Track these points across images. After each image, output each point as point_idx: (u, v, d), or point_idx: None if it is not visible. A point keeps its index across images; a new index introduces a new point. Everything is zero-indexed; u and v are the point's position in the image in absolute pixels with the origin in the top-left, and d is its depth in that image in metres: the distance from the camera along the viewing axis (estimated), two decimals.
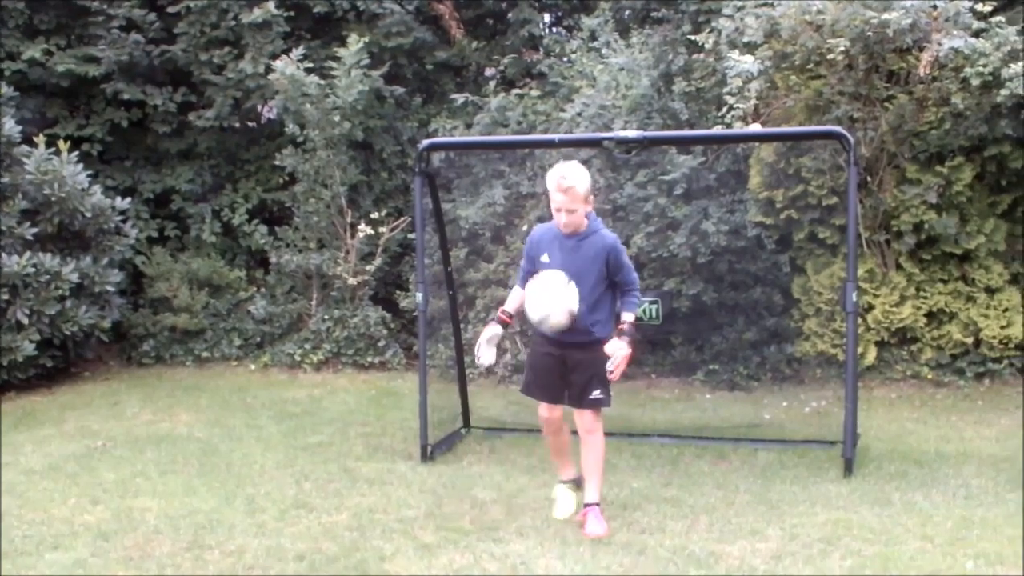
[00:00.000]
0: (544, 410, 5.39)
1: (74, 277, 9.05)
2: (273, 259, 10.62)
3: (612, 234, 5.26)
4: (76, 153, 9.64)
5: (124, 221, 9.98)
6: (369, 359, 10.09)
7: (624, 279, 5.20)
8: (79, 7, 10.59)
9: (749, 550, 4.84)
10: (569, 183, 4.99)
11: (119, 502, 5.74)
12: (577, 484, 5.47)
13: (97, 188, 9.62)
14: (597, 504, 5.24)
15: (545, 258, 5.15)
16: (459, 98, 10.58)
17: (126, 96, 10.61)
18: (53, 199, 9.08)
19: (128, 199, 10.06)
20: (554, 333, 5.08)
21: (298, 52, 10.06)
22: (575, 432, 5.41)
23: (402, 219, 10.57)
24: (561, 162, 5.16)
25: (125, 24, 10.55)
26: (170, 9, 10.56)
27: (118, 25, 10.49)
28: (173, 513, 5.51)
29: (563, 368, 5.24)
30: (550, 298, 4.99)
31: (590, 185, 5.12)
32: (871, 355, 8.56)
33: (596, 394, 5.22)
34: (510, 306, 5.37)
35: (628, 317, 5.14)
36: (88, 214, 9.35)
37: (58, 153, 9.28)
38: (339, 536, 5.10)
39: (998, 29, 7.42)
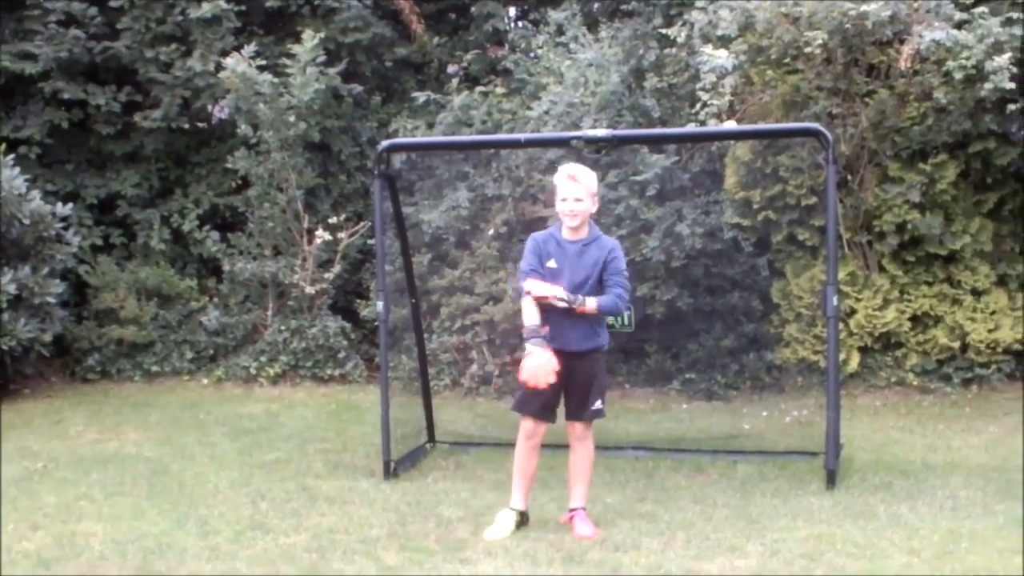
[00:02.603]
0: (531, 427, 5.45)
1: (12, 288, 8.99)
2: (226, 267, 10.57)
3: (613, 239, 5.51)
4: (12, 156, 9.61)
5: (66, 228, 9.83)
6: (328, 371, 10.11)
7: (615, 281, 5.32)
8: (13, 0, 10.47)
9: (728, 567, 4.78)
10: (577, 171, 5.29)
11: (61, 527, 5.60)
12: (523, 519, 5.49)
13: (36, 193, 9.51)
14: (584, 508, 5.43)
15: (552, 264, 5.32)
16: (420, 96, 10.61)
17: (66, 95, 10.49)
18: None
19: (70, 205, 9.91)
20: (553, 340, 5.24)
21: (250, 49, 10.03)
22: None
23: (362, 224, 10.58)
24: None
25: (64, 19, 10.43)
26: (113, 3, 10.42)
27: (56, 20, 10.38)
28: (120, 538, 5.38)
29: (563, 379, 5.29)
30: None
31: (597, 186, 5.41)
32: (854, 361, 8.59)
33: (597, 405, 5.47)
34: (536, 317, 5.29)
35: (590, 302, 5.25)
36: (26, 221, 9.24)
37: None
38: (298, 558, 5.02)
39: (981, 20, 7.44)
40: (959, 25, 7.46)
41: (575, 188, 5.22)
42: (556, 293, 5.16)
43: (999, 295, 8.48)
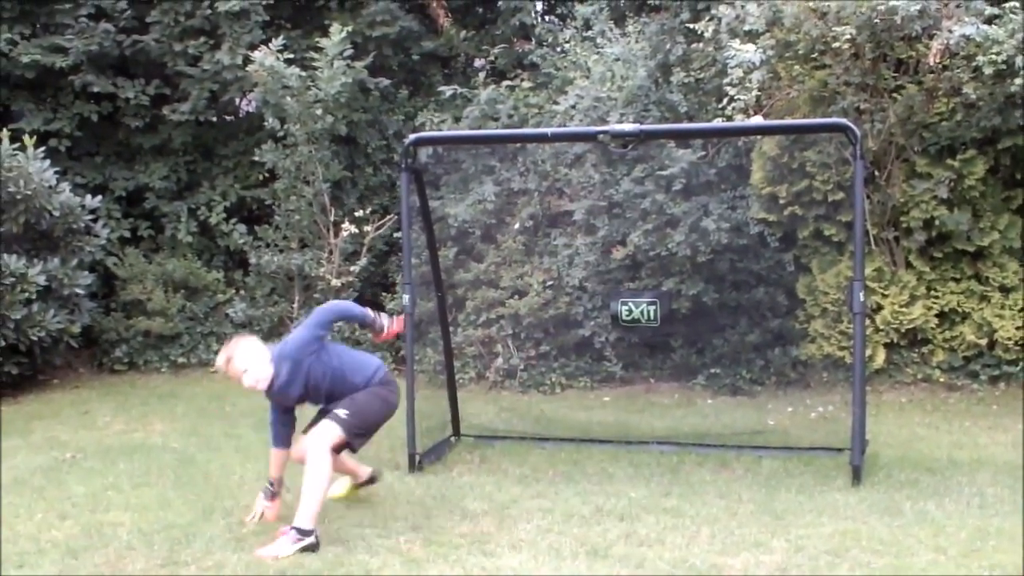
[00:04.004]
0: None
1: (41, 279, 9.01)
2: (252, 260, 10.65)
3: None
4: (43, 149, 9.59)
5: (94, 220, 9.91)
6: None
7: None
8: None
9: (753, 563, 4.74)
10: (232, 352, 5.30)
11: (89, 517, 5.59)
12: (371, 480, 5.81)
13: (65, 185, 9.58)
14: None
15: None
16: (447, 90, 10.61)
17: (96, 89, 10.58)
18: (19, 197, 9.00)
19: (98, 197, 10.02)
20: None
21: (278, 42, 10.08)
22: None
23: (388, 217, 10.59)
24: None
25: (94, 12, 10.54)
26: None
27: (87, 13, 10.48)
28: (147, 528, 5.37)
29: None
30: None
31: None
32: (880, 358, 8.51)
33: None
34: None
35: None
36: (56, 213, 9.28)
37: (24, 149, 9.26)
38: (322, 551, 4.96)
39: (1012, 15, 7.34)
40: (989, 20, 7.36)
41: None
42: None
43: None
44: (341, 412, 5.14)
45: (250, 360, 5.19)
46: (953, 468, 6.33)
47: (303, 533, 4.95)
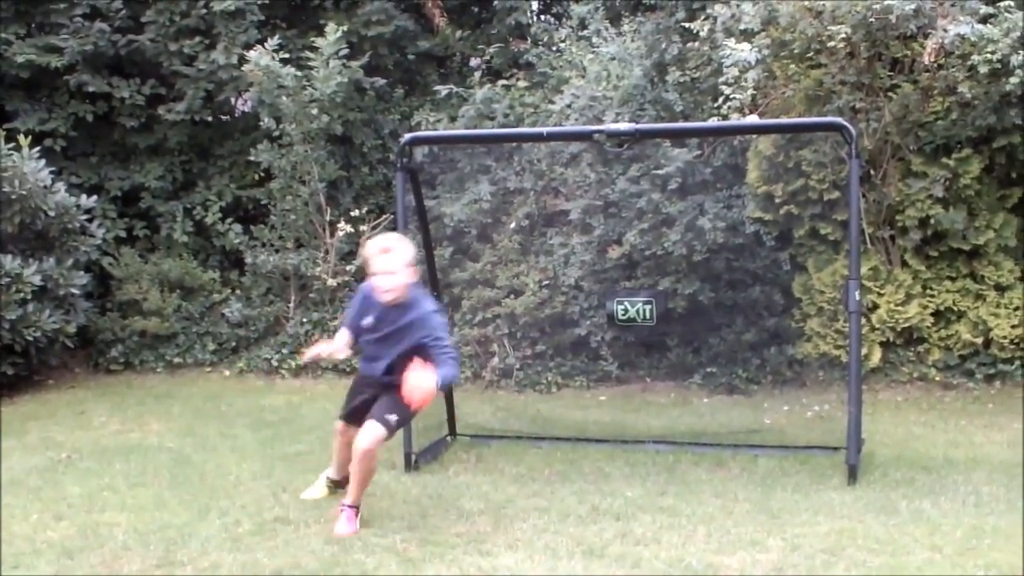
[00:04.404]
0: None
1: (37, 279, 8.96)
2: (248, 259, 10.60)
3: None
4: (38, 148, 9.51)
5: (90, 220, 9.86)
6: (350, 364, 9.87)
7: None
8: None
9: (749, 562, 4.75)
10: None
11: (85, 517, 5.60)
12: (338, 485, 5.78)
13: (61, 185, 9.53)
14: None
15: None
16: (443, 90, 10.56)
17: (91, 88, 10.51)
18: (14, 197, 8.95)
19: (94, 197, 9.96)
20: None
21: (273, 42, 10.04)
22: None
23: (384, 217, 10.53)
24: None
25: (89, 12, 10.46)
26: None
27: (81, 13, 10.41)
28: (143, 528, 5.37)
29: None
30: None
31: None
32: (876, 356, 8.52)
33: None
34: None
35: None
36: (51, 213, 9.24)
37: (19, 148, 9.17)
38: (319, 551, 4.99)
39: (1007, 14, 7.35)
40: (984, 19, 7.37)
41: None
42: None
43: (1022, 290, 8.35)
44: (391, 417, 5.28)
45: (403, 267, 5.21)
46: (949, 467, 6.33)
47: (356, 508, 5.31)
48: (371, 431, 5.24)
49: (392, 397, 5.23)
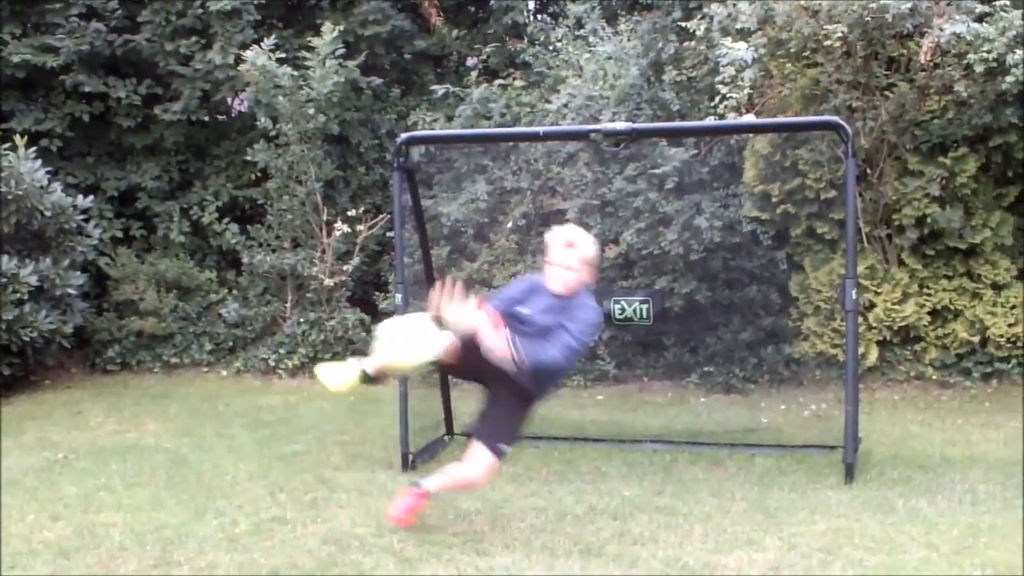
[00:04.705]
0: None
1: (33, 280, 8.95)
2: (245, 259, 10.60)
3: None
4: (34, 149, 9.51)
5: (86, 220, 9.88)
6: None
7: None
8: None
9: (746, 561, 4.73)
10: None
11: (81, 517, 5.58)
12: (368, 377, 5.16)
13: (57, 185, 9.53)
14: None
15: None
16: (439, 89, 10.61)
17: (87, 88, 10.52)
18: (10, 197, 8.95)
19: (90, 197, 9.93)
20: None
21: (270, 42, 10.03)
22: None
23: (380, 216, 10.56)
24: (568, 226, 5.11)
25: (85, 12, 10.47)
26: None
27: (77, 13, 10.42)
28: (139, 528, 5.36)
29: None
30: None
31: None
32: (873, 355, 8.51)
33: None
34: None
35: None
36: (48, 213, 9.23)
37: (15, 148, 9.18)
38: (316, 551, 4.97)
39: (1003, 13, 7.32)
40: (980, 18, 7.35)
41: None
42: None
43: (1019, 289, 8.34)
44: (504, 447, 5.03)
45: (582, 265, 4.99)
46: (946, 465, 6.31)
47: (427, 496, 5.15)
48: (484, 460, 5.00)
49: (510, 411, 5.05)
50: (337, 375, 5.11)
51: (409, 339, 4.93)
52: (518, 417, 5.09)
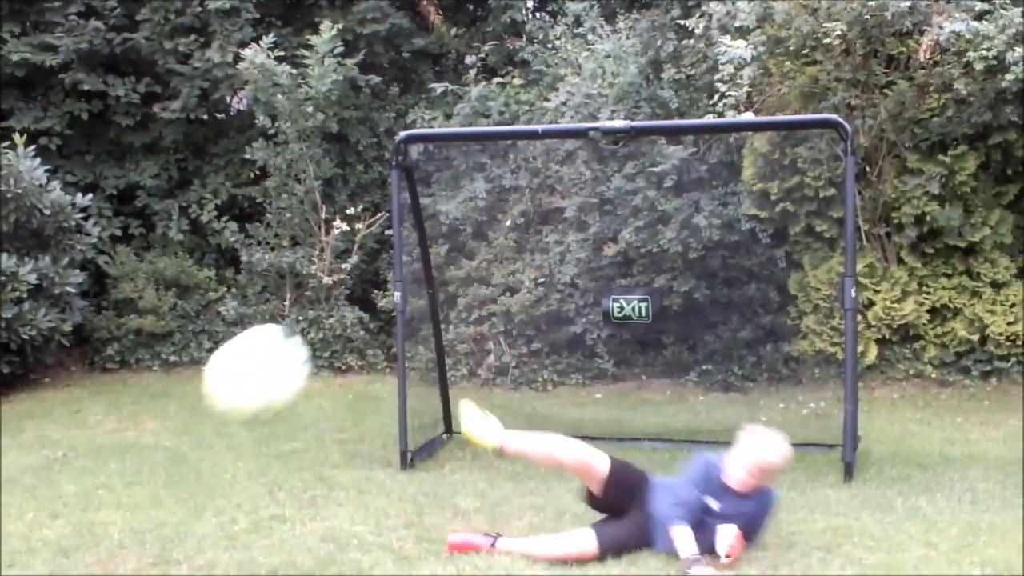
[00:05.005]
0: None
1: (32, 278, 8.96)
2: (244, 258, 10.59)
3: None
4: (33, 147, 9.52)
5: (85, 219, 9.88)
6: (346, 362, 10.10)
7: None
8: None
9: (744, 559, 4.69)
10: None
11: (80, 516, 5.58)
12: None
13: (56, 184, 9.54)
14: None
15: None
16: (438, 87, 10.57)
17: (86, 87, 10.52)
18: (9, 196, 8.96)
19: (89, 195, 9.94)
20: None
21: (268, 40, 10.01)
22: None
23: (379, 215, 10.54)
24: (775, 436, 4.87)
25: (84, 10, 10.48)
26: None
27: (76, 11, 10.43)
28: (138, 527, 5.36)
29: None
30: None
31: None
32: (872, 354, 8.51)
33: None
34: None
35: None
36: (47, 211, 9.24)
37: (14, 147, 9.21)
38: (314, 549, 4.98)
39: (1002, 11, 7.33)
40: (980, 16, 7.35)
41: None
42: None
43: (1019, 287, 8.35)
44: (607, 548, 4.77)
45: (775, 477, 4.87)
46: (945, 464, 6.32)
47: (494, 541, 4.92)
48: (588, 546, 4.77)
49: (629, 531, 4.82)
50: (479, 425, 5.16)
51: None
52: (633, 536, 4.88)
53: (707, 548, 4.62)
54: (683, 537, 4.62)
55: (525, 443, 5.13)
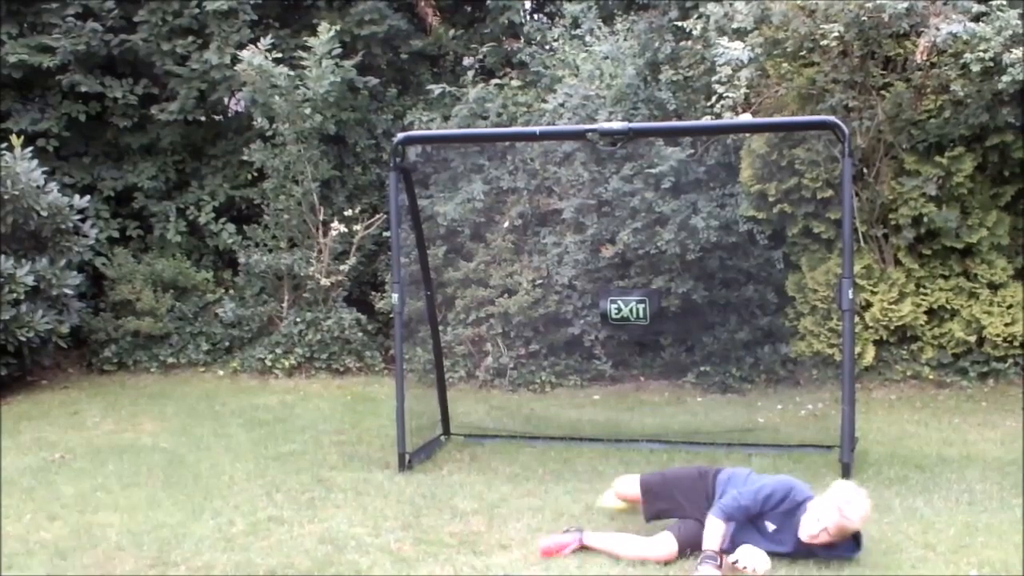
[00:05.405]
0: None
1: (30, 280, 8.98)
2: (242, 259, 10.59)
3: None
4: (31, 149, 9.55)
5: (83, 220, 9.89)
6: (344, 363, 10.08)
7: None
8: None
9: (743, 559, 4.68)
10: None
11: (78, 517, 5.63)
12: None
13: (54, 185, 9.54)
14: None
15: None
16: (436, 89, 10.57)
17: (84, 88, 10.50)
18: (6, 197, 8.97)
19: (87, 197, 9.96)
20: None
21: (266, 41, 10.00)
22: None
23: (377, 216, 10.54)
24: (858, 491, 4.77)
25: (81, 12, 10.45)
26: None
27: (74, 13, 10.40)
28: (136, 528, 5.42)
29: None
30: None
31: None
32: (869, 355, 8.50)
33: None
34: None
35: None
36: (44, 213, 9.23)
37: (11, 148, 9.24)
38: (312, 550, 5.02)
39: (999, 13, 7.33)
40: (977, 18, 7.36)
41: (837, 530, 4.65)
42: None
43: (1016, 289, 8.34)
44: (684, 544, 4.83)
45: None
46: (942, 465, 6.33)
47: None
48: (666, 549, 4.83)
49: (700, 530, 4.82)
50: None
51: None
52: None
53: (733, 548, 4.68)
54: (714, 530, 4.67)
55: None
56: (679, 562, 4.74)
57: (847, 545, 4.71)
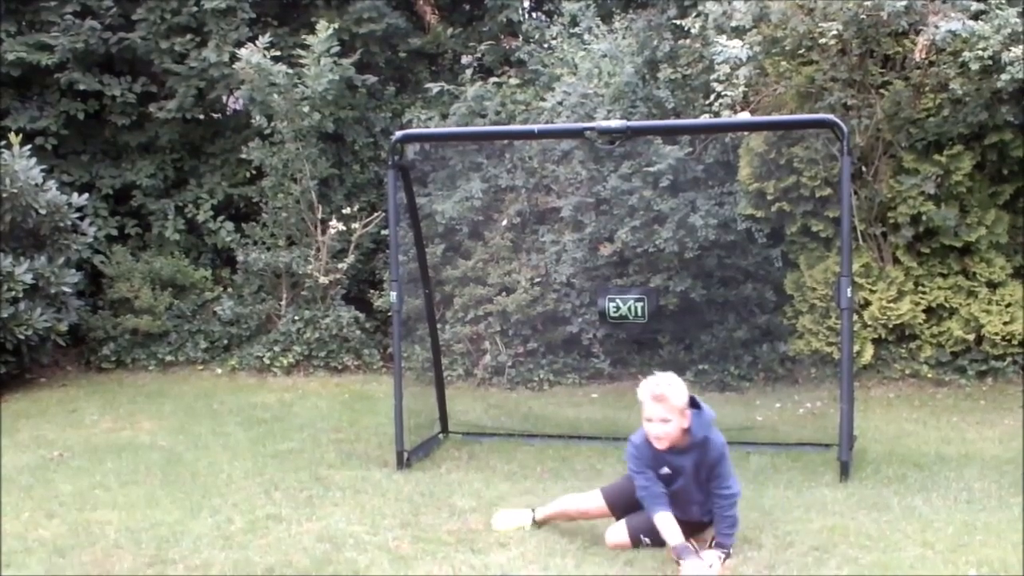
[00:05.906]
0: None
1: (28, 278, 8.99)
2: (240, 257, 10.59)
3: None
4: (29, 147, 9.55)
5: (81, 218, 9.88)
6: (342, 361, 10.09)
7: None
8: None
9: (741, 559, 4.72)
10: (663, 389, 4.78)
11: (76, 515, 5.60)
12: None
13: (52, 183, 9.54)
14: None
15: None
16: (434, 87, 10.58)
17: (82, 86, 10.51)
18: (5, 195, 8.98)
19: (85, 195, 9.97)
20: None
21: (264, 39, 10.00)
22: None
23: (375, 214, 10.53)
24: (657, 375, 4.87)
25: (80, 10, 10.46)
26: None
27: (72, 11, 10.40)
28: (134, 526, 5.38)
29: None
30: None
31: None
32: (868, 353, 8.48)
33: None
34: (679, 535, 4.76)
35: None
36: (43, 211, 9.25)
37: (9, 147, 9.25)
38: (310, 548, 4.98)
39: (998, 11, 7.33)
40: (976, 16, 7.35)
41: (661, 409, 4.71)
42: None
43: (1015, 287, 8.33)
44: (645, 540, 4.86)
45: (676, 415, 4.73)
46: (941, 463, 6.32)
47: None
48: (619, 537, 4.91)
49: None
50: (507, 519, 5.27)
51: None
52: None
53: (690, 518, 4.80)
54: (666, 524, 4.70)
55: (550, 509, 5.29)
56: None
57: (697, 423, 4.74)
